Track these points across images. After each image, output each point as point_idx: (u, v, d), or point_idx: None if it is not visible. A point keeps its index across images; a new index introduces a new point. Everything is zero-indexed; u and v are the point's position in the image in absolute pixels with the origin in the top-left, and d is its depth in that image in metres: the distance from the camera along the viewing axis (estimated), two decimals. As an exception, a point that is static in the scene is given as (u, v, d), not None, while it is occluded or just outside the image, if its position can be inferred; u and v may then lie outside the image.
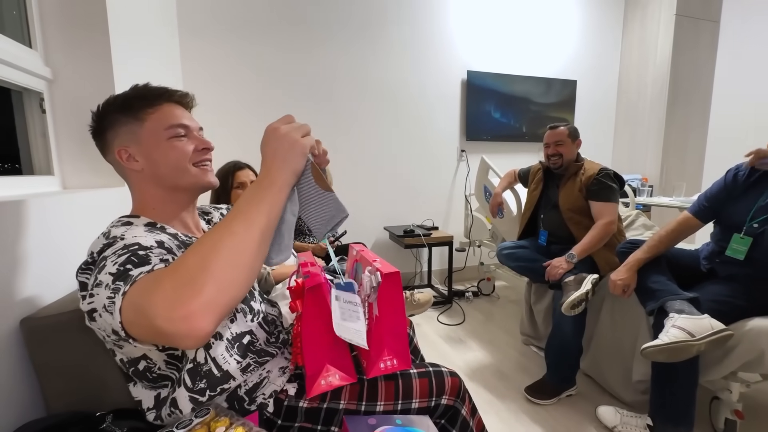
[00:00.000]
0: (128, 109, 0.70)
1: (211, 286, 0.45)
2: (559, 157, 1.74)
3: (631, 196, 2.53)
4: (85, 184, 1.26)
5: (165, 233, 0.68)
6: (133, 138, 0.70)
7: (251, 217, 0.52)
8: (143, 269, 0.52)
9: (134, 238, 0.60)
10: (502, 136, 3.10)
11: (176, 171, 0.71)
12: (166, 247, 0.62)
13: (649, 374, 1.33)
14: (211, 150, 0.75)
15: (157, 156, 0.70)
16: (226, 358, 0.70)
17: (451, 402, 0.83)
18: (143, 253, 0.56)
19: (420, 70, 2.84)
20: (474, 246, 2.84)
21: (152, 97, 0.71)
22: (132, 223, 0.68)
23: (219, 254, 0.48)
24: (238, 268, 0.49)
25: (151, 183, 0.72)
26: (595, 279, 1.51)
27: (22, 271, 0.79)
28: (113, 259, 0.55)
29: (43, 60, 1.17)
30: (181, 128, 0.71)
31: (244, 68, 2.43)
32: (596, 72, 3.39)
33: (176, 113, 0.72)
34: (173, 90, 0.74)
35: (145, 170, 0.70)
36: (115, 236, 0.62)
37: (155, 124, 0.69)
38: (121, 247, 0.57)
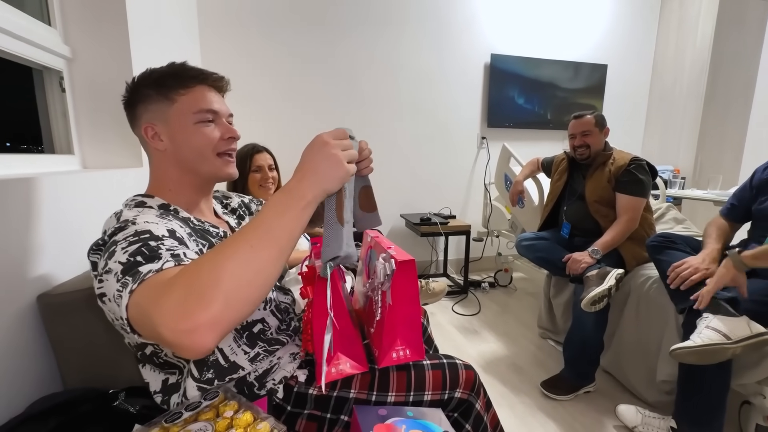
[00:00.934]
0: (160, 87, 0.68)
1: (221, 302, 0.43)
2: (586, 148, 1.65)
3: (661, 188, 2.40)
4: (104, 164, 1.27)
5: (177, 218, 0.67)
6: (161, 117, 0.68)
7: (272, 232, 0.49)
8: (152, 267, 0.50)
9: (146, 224, 0.58)
10: (526, 123, 2.98)
11: (198, 157, 0.69)
12: (177, 236, 0.60)
13: (675, 375, 1.27)
14: (236, 140, 0.73)
15: (182, 139, 0.68)
16: (233, 349, 0.69)
17: (465, 396, 0.80)
18: (154, 244, 0.54)
19: (441, 53, 2.75)
20: (492, 236, 2.78)
21: (186, 78, 0.69)
22: (145, 204, 0.67)
23: (233, 270, 0.45)
24: (252, 287, 0.46)
25: (172, 164, 0.70)
26: (619, 274, 1.44)
27: (41, 248, 0.80)
28: (123, 246, 0.53)
29: (62, 38, 1.17)
30: (209, 113, 0.69)
31: (265, 52, 2.40)
32: (629, 55, 3.19)
33: (208, 97, 0.70)
34: (209, 73, 0.72)
35: (168, 151, 0.69)
36: (126, 219, 0.60)
37: (185, 106, 0.68)
38: (132, 233, 0.55)
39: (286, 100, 2.48)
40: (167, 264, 0.50)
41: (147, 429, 0.57)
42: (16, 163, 0.95)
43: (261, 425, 0.57)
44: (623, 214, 1.56)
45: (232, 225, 0.82)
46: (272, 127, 2.42)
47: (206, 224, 0.73)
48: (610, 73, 3.11)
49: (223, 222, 0.81)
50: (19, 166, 0.95)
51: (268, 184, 1.53)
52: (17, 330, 0.72)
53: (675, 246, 1.34)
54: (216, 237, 0.71)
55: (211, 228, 0.73)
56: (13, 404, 0.67)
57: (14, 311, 0.72)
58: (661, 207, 2.14)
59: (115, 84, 1.23)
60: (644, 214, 1.62)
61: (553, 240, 1.76)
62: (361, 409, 0.71)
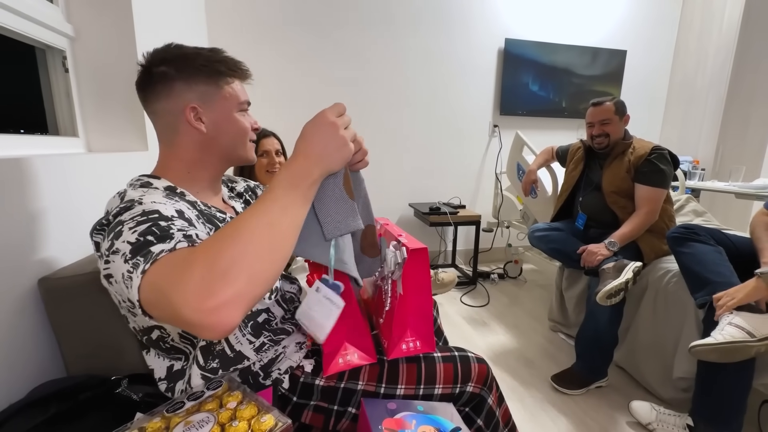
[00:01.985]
0: (212, 73, 0.68)
1: (245, 278, 0.42)
2: (605, 137, 1.58)
3: (681, 179, 2.31)
4: (109, 147, 1.24)
5: (184, 200, 0.64)
6: (207, 100, 0.67)
7: (287, 209, 0.50)
8: (165, 246, 0.47)
9: (153, 204, 0.55)
10: (540, 110, 2.89)
11: (237, 143, 0.72)
12: (186, 217, 0.57)
13: (692, 372, 1.22)
14: (256, 129, 0.77)
15: (225, 126, 0.69)
16: (238, 338, 0.68)
17: (477, 390, 0.77)
18: (165, 224, 0.51)
19: (453, 37, 2.66)
20: (502, 227, 2.72)
21: (235, 70, 0.71)
22: (151, 185, 0.64)
23: (255, 246, 0.45)
24: (273, 262, 0.47)
25: (202, 147, 0.68)
26: (637, 267, 1.39)
27: (42, 231, 0.78)
28: (131, 226, 0.50)
29: (65, 16, 1.13)
30: (246, 104, 0.73)
31: (274, 33, 2.34)
32: (650, 40, 3.06)
33: (242, 89, 0.73)
34: (246, 70, 0.75)
35: (207, 134, 0.68)
36: (132, 199, 0.57)
37: (232, 94, 0.69)
38: (140, 213, 0.52)
39: (293, 84, 2.43)
40: (180, 244, 0.48)
41: (149, 418, 0.56)
42: (20, 144, 0.93)
43: (265, 417, 0.55)
44: (642, 206, 1.50)
45: (237, 210, 0.80)
46: (279, 111, 2.37)
47: (213, 209, 0.70)
48: (629, 59, 2.99)
49: (229, 207, 0.79)
50: (23, 148, 0.93)
51: (275, 169, 1.50)
52: (18, 314, 0.70)
53: (698, 238, 1.28)
54: (222, 222, 0.69)
55: (218, 213, 0.70)
56: (14, 390, 0.66)
57: (15, 295, 0.70)
58: (680, 199, 2.06)
59: (118, 64, 1.20)
60: (664, 206, 1.55)
61: (568, 231, 1.71)
62: (370, 402, 0.68)
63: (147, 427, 0.53)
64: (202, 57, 0.67)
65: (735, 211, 2.70)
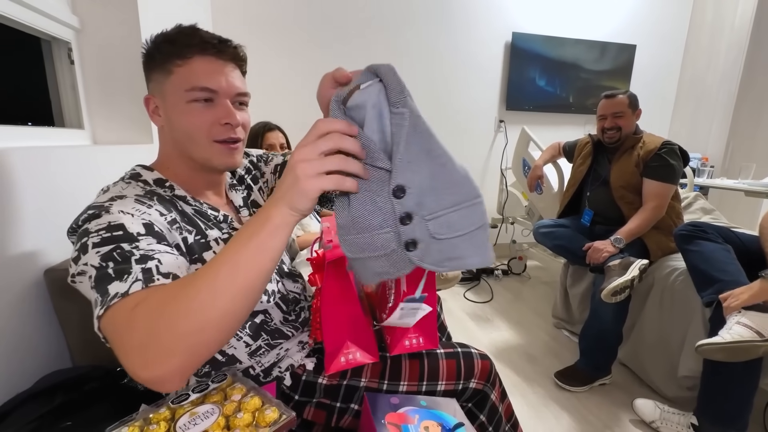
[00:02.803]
0: (159, 55, 0.59)
1: (184, 354, 0.40)
2: (617, 130, 1.56)
3: (689, 176, 2.28)
4: (114, 139, 1.25)
5: (164, 201, 0.59)
6: (160, 90, 0.61)
7: (239, 266, 0.42)
8: (119, 289, 0.44)
9: (120, 215, 0.51)
10: (546, 105, 2.86)
11: (189, 141, 0.61)
12: (155, 231, 0.53)
13: (698, 370, 1.21)
14: (234, 126, 0.61)
15: (174, 118, 0.60)
16: (231, 343, 0.65)
17: (480, 386, 0.77)
18: (127, 247, 0.48)
19: (460, 30, 2.63)
20: (507, 223, 2.71)
21: (182, 47, 0.58)
22: (140, 177, 0.62)
23: (197, 313, 0.40)
24: (219, 330, 0.42)
25: (170, 142, 0.64)
26: (643, 265, 1.37)
27: (49, 222, 0.78)
28: (95, 242, 0.48)
29: (70, 8, 1.13)
30: (204, 92, 0.58)
31: (280, 26, 2.33)
32: (660, 35, 3.01)
33: (206, 71, 0.59)
34: (208, 37, 0.60)
35: (165, 128, 0.63)
36: (100, 205, 0.53)
37: (180, 80, 0.58)
38: (105, 225, 0.50)
39: (298, 76, 2.42)
40: (134, 287, 0.44)
41: (153, 409, 0.56)
42: (26, 136, 0.93)
43: (269, 410, 0.55)
44: (650, 201, 1.48)
45: (237, 204, 0.74)
46: (284, 104, 2.36)
47: (204, 206, 0.66)
48: (638, 54, 2.95)
49: (227, 203, 0.73)
50: (29, 139, 0.94)
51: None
52: (25, 305, 0.71)
53: (706, 236, 1.27)
54: (212, 221, 0.65)
55: (210, 211, 0.66)
56: (22, 380, 0.67)
57: (22, 286, 0.71)
58: (689, 196, 2.04)
59: (123, 57, 1.20)
60: (672, 203, 1.54)
61: (573, 228, 1.69)
62: (373, 397, 0.68)
63: (152, 418, 0.53)
64: (157, 39, 0.60)
65: (744, 210, 2.67)
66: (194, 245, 0.60)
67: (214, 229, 0.64)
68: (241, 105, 0.65)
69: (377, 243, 0.44)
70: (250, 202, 0.77)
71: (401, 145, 0.42)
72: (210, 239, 0.62)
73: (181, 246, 0.57)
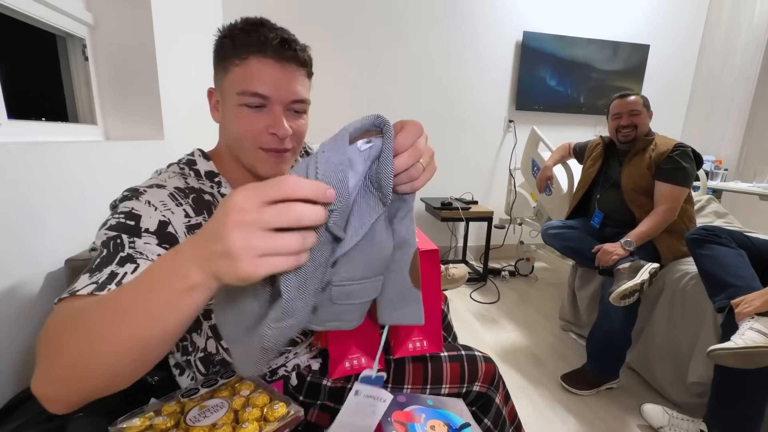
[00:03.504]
0: (221, 50, 0.58)
1: (59, 385, 0.36)
2: (633, 128, 1.54)
3: (702, 179, 2.25)
4: (126, 135, 1.26)
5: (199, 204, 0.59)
6: (220, 86, 0.60)
7: (129, 316, 0.33)
8: (78, 284, 0.42)
9: (145, 206, 0.53)
10: (557, 106, 2.83)
11: (238, 144, 0.59)
12: (166, 232, 0.52)
13: (708, 377, 1.19)
14: (281, 137, 0.57)
15: (227, 118, 0.59)
16: None
17: (483, 389, 0.77)
18: (125, 240, 0.48)
19: (469, 29, 2.61)
20: (515, 223, 2.69)
21: (239, 45, 0.55)
22: (194, 164, 0.62)
23: (77, 350, 0.35)
24: (98, 378, 0.36)
25: (225, 141, 0.64)
26: (654, 269, 1.35)
27: (69, 214, 0.80)
28: (112, 224, 0.50)
29: (85, 4, 1.14)
30: (255, 97, 0.55)
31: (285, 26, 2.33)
32: (674, 35, 2.96)
33: (260, 75, 0.55)
34: (269, 37, 0.55)
35: (221, 125, 0.63)
36: (137, 188, 0.55)
37: (234, 81, 0.56)
38: (126, 212, 0.51)
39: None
40: (86, 288, 0.42)
41: (163, 402, 0.56)
42: (41, 131, 0.95)
43: (278, 406, 0.56)
44: (662, 204, 1.46)
45: None
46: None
47: None
48: (652, 54, 2.90)
49: None
50: (45, 134, 0.95)
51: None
52: (47, 293, 0.72)
53: (719, 240, 1.25)
54: None
55: None
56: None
57: (43, 275, 0.72)
58: (702, 199, 2.00)
59: (137, 53, 1.21)
60: (684, 206, 1.51)
61: (582, 229, 1.68)
62: (379, 395, 0.68)
63: (162, 410, 0.54)
64: (221, 32, 0.58)
65: (758, 214, 2.62)
66: None
67: None
68: (298, 113, 0.61)
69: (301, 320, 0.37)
70: None
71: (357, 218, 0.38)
72: None
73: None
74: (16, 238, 0.67)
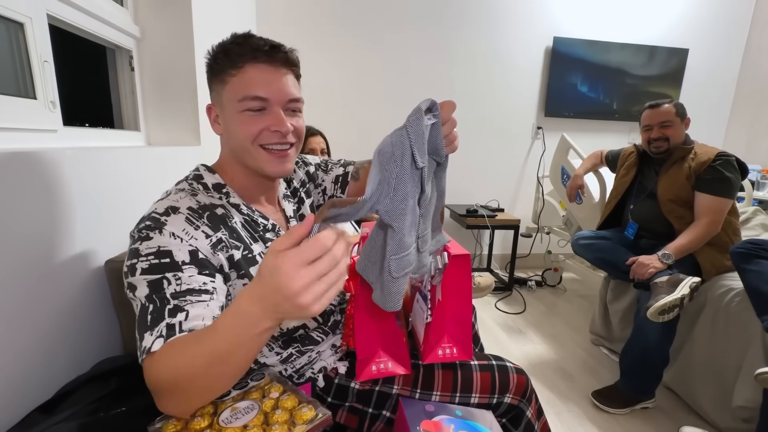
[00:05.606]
0: (216, 66, 0.62)
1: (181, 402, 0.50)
2: (665, 141, 1.47)
3: (748, 189, 2.12)
4: (166, 141, 1.32)
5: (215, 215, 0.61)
6: (219, 100, 0.63)
7: (222, 357, 0.45)
8: (146, 342, 0.50)
9: (171, 239, 0.54)
10: (588, 112, 2.75)
11: (242, 149, 0.62)
12: (199, 259, 0.55)
13: (756, 401, 1.12)
14: (284, 134, 0.62)
15: (231, 127, 0.62)
16: (264, 353, 0.68)
17: (515, 402, 0.75)
18: (168, 283, 0.52)
19: (499, 35, 2.59)
20: (542, 232, 2.62)
21: (234, 56, 0.60)
22: (201, 179, 0.65)
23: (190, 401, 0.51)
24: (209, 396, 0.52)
25: (229, 151, 0.67)
26: (695, 283, 1.28)
27: (110, 216, 0.84)
28: (144, 267, 0.53)
29: (133, 18, 1.22)
30: (256, 101, 0.60)
31: (322, 37, 2.39)
32: (716, 38, 2.82)
33: (257, 80, 0.60)
34: (259, 44, 0.60)
35: (224, 137, 0.66)
36: (156, 218, 0.56)
37: (233, 89, 0.60)
38: (154, 251, 0.53)
39: (337, 81, 2.46)
40: (156, 344, 0.49)
41: (198, 401, 0.58)
42: (89, 136, 1.01)
43: (305, 409, 0.56)
44: (703, 216, 1.39)
45: (288, 213, 0.76)
46: (324, 109, 2.41)
47: (256, 213, 0.68)
48: (691, 58, 2.77)
49: (278, 211, 0.75)
50: (91, 139, 1.02)
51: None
52: (87, 292, 0.77)
53: (767, 255, 1.17)
54: (260, 231, 0.67)
55: (260, 219, 0.68)
56: (79, 362, 0.72)
57: (85, 274, 0.76)
58: (747, 211, 1.89)
59: (178, 64, 1.27)
60: (728, 218, 1.43)
61: (616, 240, 1.61)
62: (408, 402, 0.68)
63: (197, 411, 0.55)
64: (213, 51, 0.63)
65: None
66: (241, 261, 0.62)
67: (258, 242, 0.66)
68: (294, 111, 0.65)
69: (410, 260, 0.56)
70: (299, 216, 0.79)
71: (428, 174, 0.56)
72: (255, 254, 0.64)
73: (225, 266, 0.59)
74: (65, 238, 0.72)
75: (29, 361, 0.63)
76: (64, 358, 0.70)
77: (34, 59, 0.81)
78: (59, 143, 0.88)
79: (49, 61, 0.85)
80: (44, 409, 0.59)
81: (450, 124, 0.56)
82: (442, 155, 0.56)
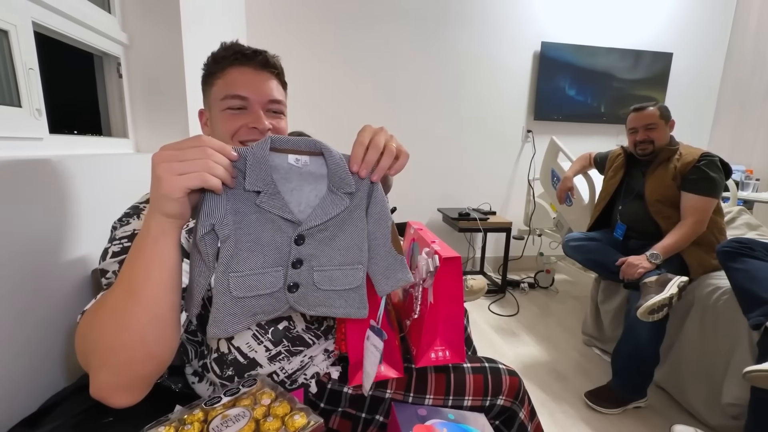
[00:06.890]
0: (206, 73, 0.67)
1: (107, 371, 0.43)
2: (650, 143, 1.50)
3: (732, 189, 2.16)
4: (156, 148, 1.30)
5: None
6: (207, 102, 0.68)
7: (132, 281, 0.42)
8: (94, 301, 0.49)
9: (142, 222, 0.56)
10: (576, 116, 2.79)
11: None
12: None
13: (744, 398, 1.13)
14: (261, 131, 0.64)
15: (215, 126, 0.67)
16: (252, 346, 0.66)
17: (508, 403, 0.75)
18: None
19: (488, 39, 2.62)
20: (534, 234, 2.64)
21: (220, 60, 0.65)
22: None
23: (104, 336, 0.43)
24: (131, 349, 0.43)
25: None
26: (682, 282, 1.30)
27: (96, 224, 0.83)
28: (115, 251, 0.54)
29: (121, 25, 1.21)
30: (236, 99, 0.63)
31: (310, 42, 2.40)
32: (699, 42, 2.89)
33: (239, 80, 0.64)
34: (243, 49, 0.65)
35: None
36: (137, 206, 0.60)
37: (218, 91, 0.65)
38: (128, 234, 0.56)
39: (325, 83, 2.46)
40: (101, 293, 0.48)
41: (188, 410, 0.57)
42: (76, 144, 1.00)
43: (297, 416, 0.56)
44: (689, 216, 1.41)
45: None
46: (311, 110, 2.41)
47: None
48: (675, 61, 2.84)
49: None
50: (79, 147, 1.00)
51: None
52: (75, 301, 0.75)
53: (753, 253, 1.19)
54: None
55: None
56: (66, 375, 0.71)
57: (72, 283, 0.75)
58: (732, 211, 1.93)
59: (166, 71, 1.27)
60: (714, 218, 1.46)
61: (605, 241, 1.63)
62: (401, 406, 0.68)
63: (186, 419, 0.55)
64: (207, 59, 0.67)
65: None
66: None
67: None
68: (276, 113, 0.68)
69: (267, 281, 0.51)
70: None
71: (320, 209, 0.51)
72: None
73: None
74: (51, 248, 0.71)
75: (14, 372, 0.62)
76: (49, 369, 0.69)
77: (19, 67, 0.80)
78: (45, 151, 0.87)
79: (34, 68, 0.84)
80: (28, 423, 0.57)
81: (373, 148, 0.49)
82: (351, 185, 0.51)
